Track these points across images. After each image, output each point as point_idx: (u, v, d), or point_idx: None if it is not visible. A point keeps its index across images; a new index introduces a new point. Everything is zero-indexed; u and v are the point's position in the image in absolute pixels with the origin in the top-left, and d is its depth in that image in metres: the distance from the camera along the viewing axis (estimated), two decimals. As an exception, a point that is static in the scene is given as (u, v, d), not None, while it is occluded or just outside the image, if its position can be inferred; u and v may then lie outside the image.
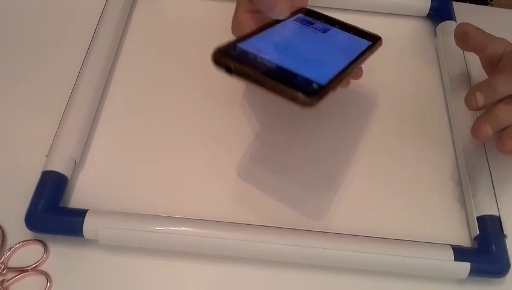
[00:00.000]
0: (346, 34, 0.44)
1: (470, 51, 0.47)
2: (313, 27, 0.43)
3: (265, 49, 0.37)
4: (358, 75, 0.44)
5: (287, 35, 0.41)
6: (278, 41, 0.39)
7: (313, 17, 0.45)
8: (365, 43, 0.43)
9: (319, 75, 0.36)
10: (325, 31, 0.43)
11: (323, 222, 0.42)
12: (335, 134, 0.47)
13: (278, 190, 0.43)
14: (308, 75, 0.35)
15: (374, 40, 0.44)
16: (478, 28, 0.45)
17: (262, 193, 0.43)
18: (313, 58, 0.39)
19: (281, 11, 0.41)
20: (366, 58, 0.42)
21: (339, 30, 0.44)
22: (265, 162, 0.45)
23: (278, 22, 0.42)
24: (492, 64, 0.46)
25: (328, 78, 0.36)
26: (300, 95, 0.33)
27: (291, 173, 0.45)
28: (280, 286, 0.39)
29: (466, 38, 0.46)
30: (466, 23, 0.46)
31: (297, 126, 0.48)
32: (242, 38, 0.38)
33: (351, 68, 0.39)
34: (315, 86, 0.35)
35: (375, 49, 0.44)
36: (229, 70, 0.35)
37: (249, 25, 0.42)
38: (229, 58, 0.35)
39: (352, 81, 0.45)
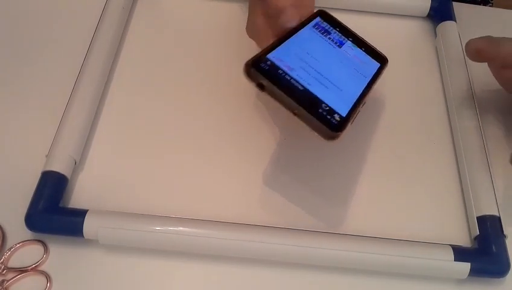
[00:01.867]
0: (359, 51, 0.44)
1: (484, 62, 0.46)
2: (329, 38, 0.43)
3: (292, 64, 0.37)
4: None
5: (310, 48, 0.40)
6: (302, 56, 0.39)
7: (328, 23, 0.45)
8: (375, 65, 0.44)
9: (341, 103, 0.36)
10: (340, 44, 0.43)
11: (323, 222, 0.42)
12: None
13: (278, 190, 0.43)
14: (331, 104, 0.36)
15: (381, 62, 0.44)
16: (487, 38, 0.44)
17: (262, 193, 0.43)
18: (334, 81, 0.39)
19: (288, 18, 0.40)
20: (375, 83, 0.42)
21: (351, 45, 0.44)
22: (264, 163, 0.45)
23: (298, 28, 0.42)
24: (507, 66, 0.45)
25: (348, 108, 0.36)
26: (326, 129, 0.34)
27: (289, 172, 0.45)
28: (280, 286, 0.39)
29: (480, 54, 0.44)
30: (473, 39, 0.44)
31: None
32: (270, 49, 0.38)
33: (365, 95, 0.40)
34: (337, 117, 0.35)
35: (383, 72, 0.44)
36: (260, 86, 0.35)
37: (265, 28, 0.42)
38: (260, 74, 0.35)
39: None
